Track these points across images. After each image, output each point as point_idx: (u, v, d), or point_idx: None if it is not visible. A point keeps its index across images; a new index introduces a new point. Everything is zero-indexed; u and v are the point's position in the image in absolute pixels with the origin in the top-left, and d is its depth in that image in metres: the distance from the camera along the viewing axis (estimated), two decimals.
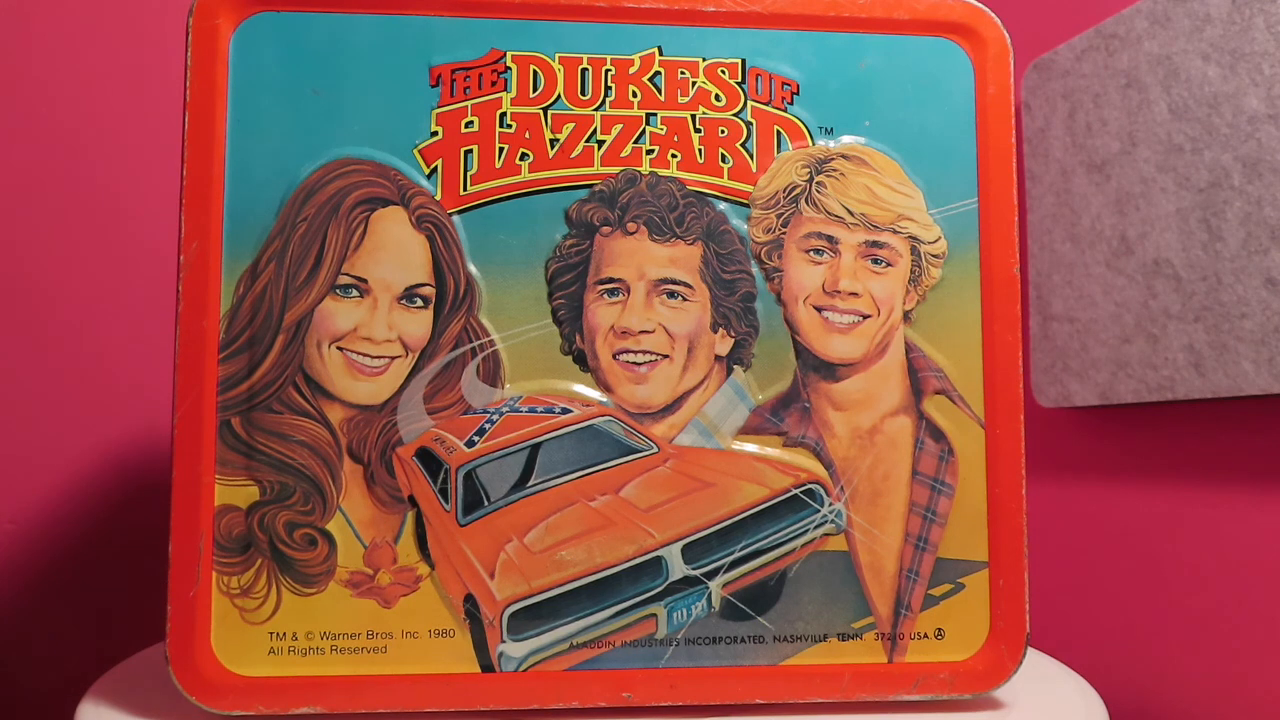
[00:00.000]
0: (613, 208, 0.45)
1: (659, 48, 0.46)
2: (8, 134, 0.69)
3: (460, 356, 0.44)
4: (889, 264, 0.46)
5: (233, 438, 0.43)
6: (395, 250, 0.44)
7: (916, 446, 0.46)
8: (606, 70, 0.45)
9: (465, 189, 0.44)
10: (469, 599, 0.43)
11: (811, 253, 0.46)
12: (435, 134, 0.44)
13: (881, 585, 0.45)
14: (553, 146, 0.45)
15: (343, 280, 0.44)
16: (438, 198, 0.44)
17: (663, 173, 0.45)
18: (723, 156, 0.46)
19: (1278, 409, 0.55)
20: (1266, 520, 0.55)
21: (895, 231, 0.46)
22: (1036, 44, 0.72)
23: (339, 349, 0.43)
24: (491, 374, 0.44)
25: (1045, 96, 0.69)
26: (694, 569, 0.44)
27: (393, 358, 0.44)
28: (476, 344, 0.44)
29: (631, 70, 0.46)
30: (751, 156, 0.46)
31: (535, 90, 0.45)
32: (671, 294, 0.45)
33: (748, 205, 0.46)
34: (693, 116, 0.46)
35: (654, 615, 0.43)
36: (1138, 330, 0.61)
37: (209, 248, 0.43)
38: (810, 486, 0.45)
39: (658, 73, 0.46)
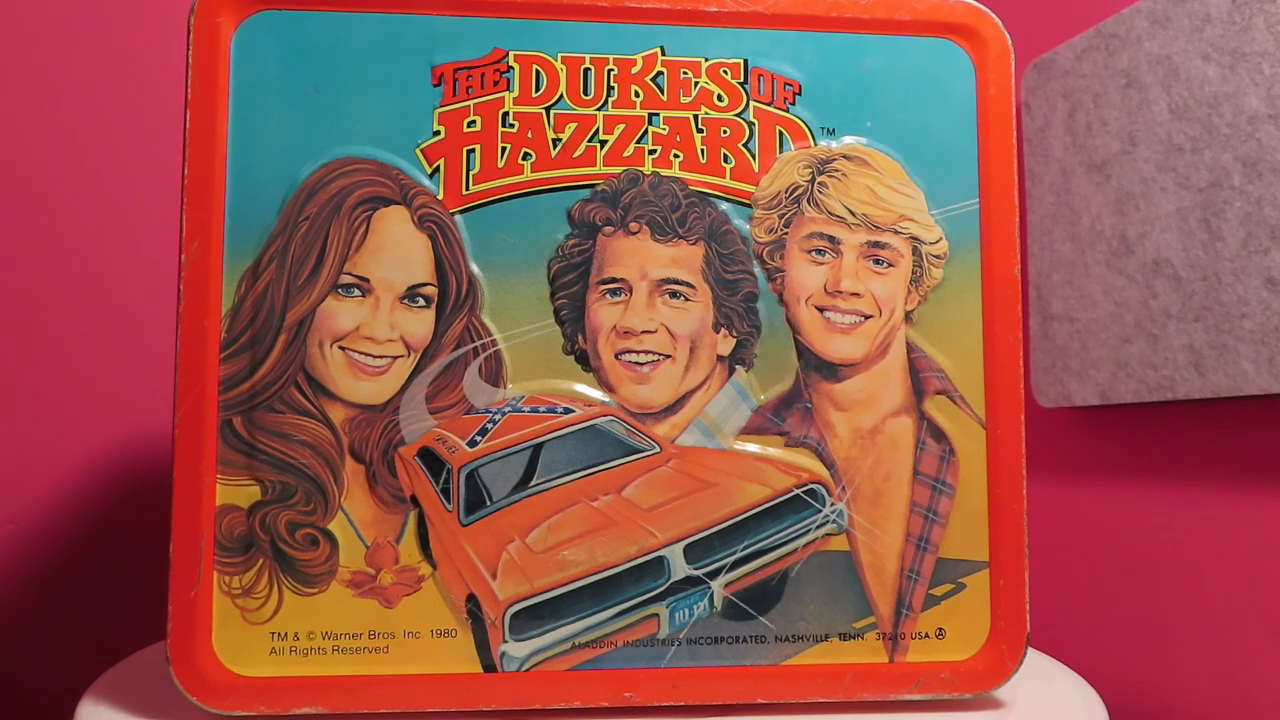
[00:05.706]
0: (615, 207, 0.45)
1: (661, 48, 0.46)
2: (8, 134, 0.69)
3: (462, 356, 0.44)
4: (890, 264, 0.46)
5: (234, 437, 0.43)
6: (397, 250, 0.44)
7: (918, 446, 0.46)
8: (609, 70, 0.45)
9: (467, 188, 0.44)
10: (471, 599, 0.43)
11: (813, 253, 0.46)
12: (437, 133, 0.44)
13: (883, 585, 0.45)
14: (555, 146, 0.45)
15: (345, 280, 0.44)
16: (440, 197, 0.44)
17: (665, 173, 0.45)
18: (725, 156, 0.46)
19: (1278, 409, 0.55)
20: (1266, 520, 0.56)
21: (897, 232, 0.46)
22: (1036, 44, 0.72)
23: (341, 348, 0.43)
24: (494, 374, 0.44)
25: (1045, 96, 0.69)
26: (696, 569, 0.44)
27: (395, 357, 0.44)
28: (479, 344, 0.44)
29: (634, 70, 0.46)
30: (754, 157, 0.46)
31: (538, 90, 0.45)
32: (674, 294, 0.45)
33: (750, 205, 0.46)
34: (695, 116, 0.46)
35: (656, 615, 0.43)
36: (1138, 330, 0.61)
37: (210, 247, 0.43)
38: (812, 486, 0.45)
39: (660, 73, 0.46)
